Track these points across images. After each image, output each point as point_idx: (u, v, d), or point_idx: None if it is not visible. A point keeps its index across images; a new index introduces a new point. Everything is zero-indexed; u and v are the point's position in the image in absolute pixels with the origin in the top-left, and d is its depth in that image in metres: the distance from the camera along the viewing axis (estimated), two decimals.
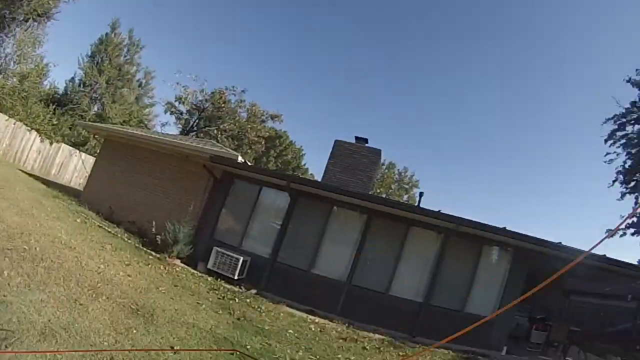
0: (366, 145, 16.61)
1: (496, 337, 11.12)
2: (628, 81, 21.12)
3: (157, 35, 63.54)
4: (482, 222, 11.03)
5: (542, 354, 13.04)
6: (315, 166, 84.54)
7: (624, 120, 21.43)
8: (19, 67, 23.47)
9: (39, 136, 23.88)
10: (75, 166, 26.84)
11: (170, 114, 37.96)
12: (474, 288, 11.47)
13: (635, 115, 21.15)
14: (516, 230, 11.12)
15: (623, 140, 21.37)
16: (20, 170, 19.87)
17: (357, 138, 16.84)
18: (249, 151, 38.86)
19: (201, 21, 64.92)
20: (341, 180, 15.65)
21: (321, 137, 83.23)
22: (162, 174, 14.73)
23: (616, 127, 21.58)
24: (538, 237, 11.04)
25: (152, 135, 16.58)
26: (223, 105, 35.79)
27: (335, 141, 16.64)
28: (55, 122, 26.77)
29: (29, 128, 23.27)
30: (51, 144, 24.76)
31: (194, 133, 36.03)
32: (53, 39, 35.29)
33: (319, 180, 18.65)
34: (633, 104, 21.17)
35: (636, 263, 18.82)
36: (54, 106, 28.57)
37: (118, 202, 14.85)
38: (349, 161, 16.11)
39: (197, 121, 37.05)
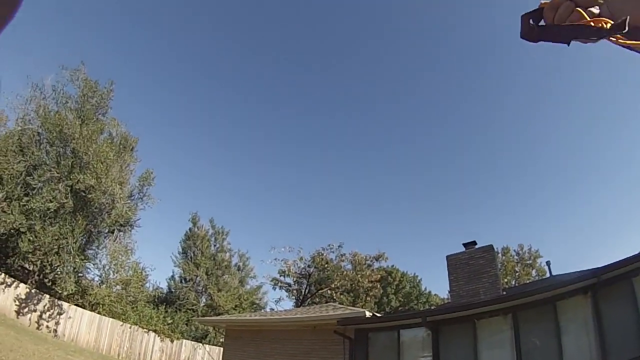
0: (476, 247, 16.36)
1: None
2: None
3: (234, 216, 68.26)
4: (619, 259, 10.37)
5: None
6: (435, 281, 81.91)
7: None
8: (119, 275, 24.89)
9: (158, 336, 25.26)
10: (202, 358, 27.79)
11: (279, 288, 38.90)
12: None
13: None
14: None
15: None
16: None
17: (465, 245, 16.71)
18: (367, 299, 38.62)
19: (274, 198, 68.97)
20: (469, 292, 15.32)
21: (424, 250, 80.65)
22: (296, 350, 14.83)
23: None
24: None
25: (272, 317, 17.11)
26: (326, 265, 36.40)
27: (447, 257, 16.53)
28: (170, 321, 27.99)
29: (146, 330, 24.73)
30: (172, 341, 26.03)
31: (308, 300, 36.52)
32: (144, 243, 38.40)
33: (445, 295, 18.27)
34: None
35: None
36: (163, 306, 30.18)
37: None
38: (468, 269, 15.82)
39: (307, 288, 37.59)
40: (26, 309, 20.23)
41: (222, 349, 21.07)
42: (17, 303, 20.06)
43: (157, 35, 50.78)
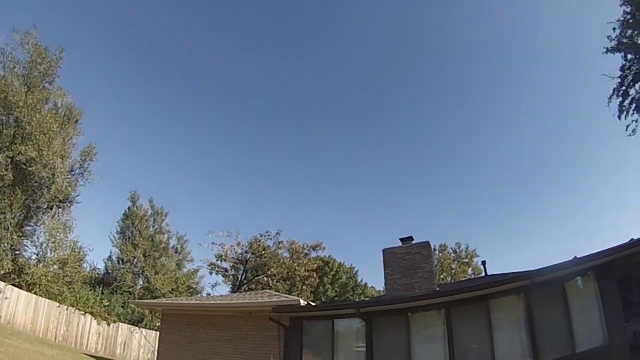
0: (413, 242, 16.44)
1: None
2: (606, 52, 21.08)
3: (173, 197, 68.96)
4: (553, 264, 10.99)
5: None
6: (371, 273, 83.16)
7: (623, 88, 20.88)
8: (56, 253, 24.25)
9: (95, 319, 24.45)
10: (138, 342, 27.19)
11: (216, 273, 38.42)
12: (575, 327, 10.81)
13: (630, 77, 20.69)
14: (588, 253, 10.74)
15: (633, 105, 20.65)
16: (85, 354, 20.39)
17: (402, 239, 16.82)
18: (303, 287, 38.94)
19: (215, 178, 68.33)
20: (404, 285, 15.49)
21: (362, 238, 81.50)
22: (231, 335, 14.92)
23: (621, 98, 20.99)
24: (611, 246, 10.41)
25: (208, 302, 17.33)
26: (263, 252, 36.33)
27: (383, 250, 16.58)
28: (106, 304, 27.27)
29: (83, 312, 23.89)
30: (109, 324, 25.26)
31: (244, 286, 36.51)
32: (82, 222, 37.18)
33: (381, 288, 18.36)
34: (622, 68, 20.85)
35: None
36: (100, 287, 29.64)
37: None
38: (404, 264, 15.89)
39: (244, 274, 37.53)
40: None
41: (158, 333, 21.19)
42: None
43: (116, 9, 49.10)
